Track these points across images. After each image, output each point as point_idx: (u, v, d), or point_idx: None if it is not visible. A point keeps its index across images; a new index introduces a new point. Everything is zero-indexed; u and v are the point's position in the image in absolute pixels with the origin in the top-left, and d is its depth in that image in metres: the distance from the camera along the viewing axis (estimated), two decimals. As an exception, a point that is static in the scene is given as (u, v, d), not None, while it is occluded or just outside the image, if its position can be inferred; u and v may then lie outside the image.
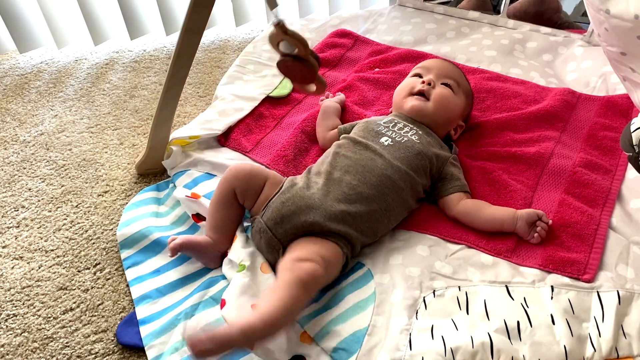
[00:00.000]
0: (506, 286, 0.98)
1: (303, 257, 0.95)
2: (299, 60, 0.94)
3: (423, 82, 1.23)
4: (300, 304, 0.92)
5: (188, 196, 1.16)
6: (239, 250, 1.05)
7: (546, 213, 1.10)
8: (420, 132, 1.16)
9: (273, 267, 1.03)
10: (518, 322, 0.91)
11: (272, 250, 1.03)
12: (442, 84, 1.23)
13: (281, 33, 0.92)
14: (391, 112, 1.27)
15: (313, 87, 0.99)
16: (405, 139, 1.13)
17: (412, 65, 1.49)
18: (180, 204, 1.20)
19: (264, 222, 1.04)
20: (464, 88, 1.27)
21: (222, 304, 0.97)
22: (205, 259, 1.09)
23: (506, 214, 1.07)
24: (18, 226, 1.23)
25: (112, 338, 1.01)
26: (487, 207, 1.09)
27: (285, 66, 0.97)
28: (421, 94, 1.21)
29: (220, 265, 1.08)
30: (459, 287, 0.98)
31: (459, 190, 1.12)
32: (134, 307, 1.05)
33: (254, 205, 1.09)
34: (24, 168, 1.38)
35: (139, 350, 0.98)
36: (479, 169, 1.18)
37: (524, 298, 0.96)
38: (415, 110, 1.20)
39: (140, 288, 1.07)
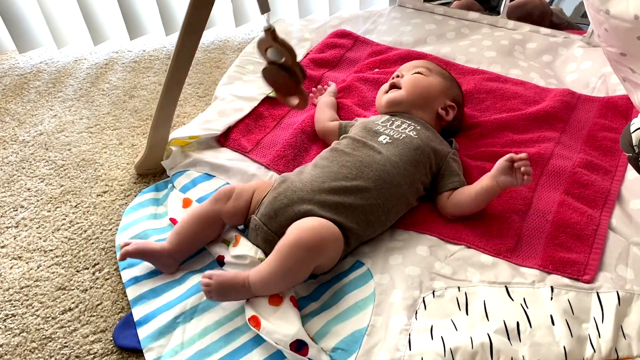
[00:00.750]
0: (506, 287, 0.98)
1: (304, 222, 0.99)
2: (285, 70, 0.94)
3: (393, 78, 1.27)
4: (305, 263, 0.96)
5: (172, 219, 1.17)
6: (251, 246, 1.04)
7: (546, 213, 1.10)
8: (418, 127, 1.16)
9: None
10: (518, 323, 0.91)
11: (270, 245, 1.03)
12: (412, 74, 1.26)
13: (270, 40, 0.92)
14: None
15: (295, 100, 0.98)
16: (403, 135, 1.13)
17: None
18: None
19: (259, 219, 1.05)
20: (438, 71, 1.29)
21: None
22: (159, 264, 1.08)
23: (484, 182, 1.07)
24: (17, 226, 1.22)
25: (111, 338, 1.01)
26: (467, 189, 1.10)
27: (270, 74, 0.96)
28: (393, 87, 1.25)
29: (175, 271, 1.08)
30: (459, 288, 0.98)
31: (458, 186, 1.11)
32: (131, 308, 1.05)
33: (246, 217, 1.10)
34: (23, 168, 1.37)
35: (138, 351, 0.98)
36: (479, 169, 1.18)
37: (524, 299, 0.96)
38: (390, 101, 1.23)
39: (135, 289, 1.06)
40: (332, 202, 1.02)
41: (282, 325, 0.92)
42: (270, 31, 0.91)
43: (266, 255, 1.04)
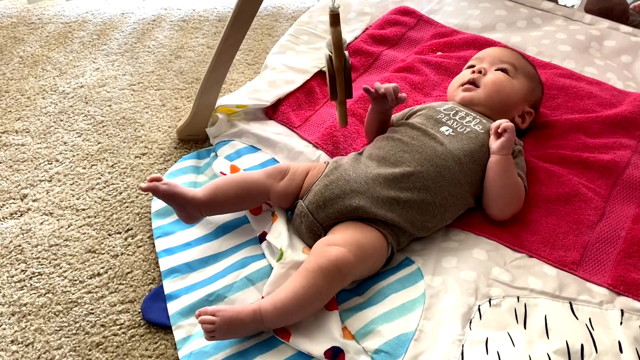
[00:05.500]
0: (570, 303, 0.90)
1: (333, 242, 0.90)
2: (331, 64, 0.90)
3: (474, 72, 1.14)
4: (323, 293, 0.87)
5: (223, 173, 1.10)
6: (280, 234, 0.98)
7: (618, 228, 1.01)
8: (484, 121, 1.06)
9: None
10: (582, 346, 0.83)
11: (313, 235, 0.97)
12: (496, 70, 1.14)
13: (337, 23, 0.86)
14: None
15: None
16: (468, 129, 1.04)
17: (478, 52, 1.38)
18: (220, 175, 1.13)
19: (306, 206, 0.97)
20: (525, 71, 1.16)
21: None
22: (183, 212, 1.00)
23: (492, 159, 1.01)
24: (50, 180, 1.17)
25: (139, 310, 0.95)
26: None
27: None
28: (472, 83, 1.13)
29: (196, 223, 1.04)
30: (518, 298, 0.90)
31: None
32: (162, 281, 0.98)
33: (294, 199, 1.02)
34: (61, 120, 1.32)
35: (167, 326, 0.92)
36: (547, 172, 1.09)
37: (590, 319, 0.88)
38: (465, 101, 1.12)
39: (169, 260, 1.01)
40: (386, 197, 0.94)
41: (315, 332, 0.86)
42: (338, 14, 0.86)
43: (309, 246, 0.98)
